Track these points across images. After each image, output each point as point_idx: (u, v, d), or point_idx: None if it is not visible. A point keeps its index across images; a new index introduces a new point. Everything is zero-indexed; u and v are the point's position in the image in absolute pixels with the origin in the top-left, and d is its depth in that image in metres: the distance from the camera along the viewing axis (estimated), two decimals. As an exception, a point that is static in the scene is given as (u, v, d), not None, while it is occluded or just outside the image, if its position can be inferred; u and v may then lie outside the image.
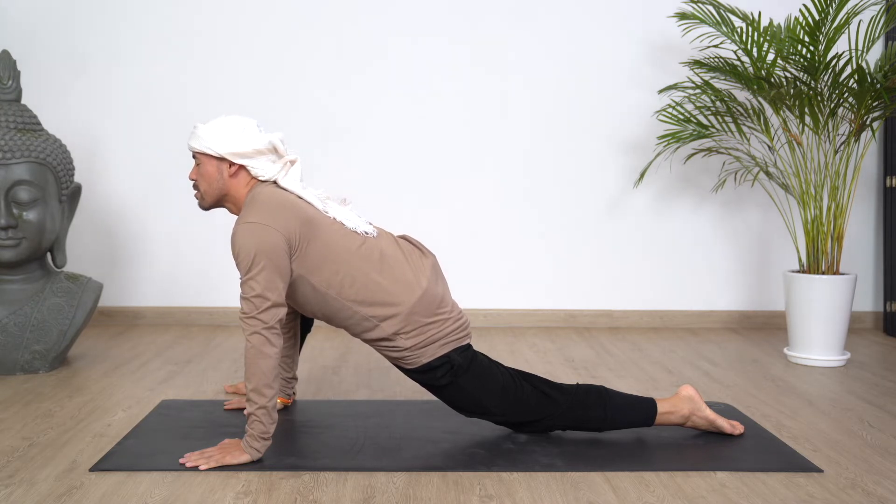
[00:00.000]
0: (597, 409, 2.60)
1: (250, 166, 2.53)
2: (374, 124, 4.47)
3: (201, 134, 2.53)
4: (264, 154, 2.54)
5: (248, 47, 4.43)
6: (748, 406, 3.06)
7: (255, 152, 2.52)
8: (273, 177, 2.56)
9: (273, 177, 2.56)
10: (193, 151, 2.56)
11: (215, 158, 2.53)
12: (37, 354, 3.42)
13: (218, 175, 2.54)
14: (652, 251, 4.55)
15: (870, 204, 4.56)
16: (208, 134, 2.51)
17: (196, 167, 2.57)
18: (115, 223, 4.49)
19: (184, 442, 2.57)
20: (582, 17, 4.45)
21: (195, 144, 2.54)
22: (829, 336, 3.69)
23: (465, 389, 2.56)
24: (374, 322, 2.52)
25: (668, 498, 2.21)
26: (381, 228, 2.67)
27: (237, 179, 2.54)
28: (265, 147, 2.53)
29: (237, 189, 2.55)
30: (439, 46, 4.45)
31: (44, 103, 4.36)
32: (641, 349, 4.01)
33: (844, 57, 3.77)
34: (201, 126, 2.54)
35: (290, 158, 2.58)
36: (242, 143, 2.51)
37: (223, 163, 2.53)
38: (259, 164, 2.53)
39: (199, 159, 2.56)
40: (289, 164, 2.58)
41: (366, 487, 2.26)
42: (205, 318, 4.53)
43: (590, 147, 4.50)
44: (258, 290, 2.36)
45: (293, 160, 2.59)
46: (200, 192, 2.59)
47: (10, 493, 2.20)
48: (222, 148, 2.50)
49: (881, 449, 2.62)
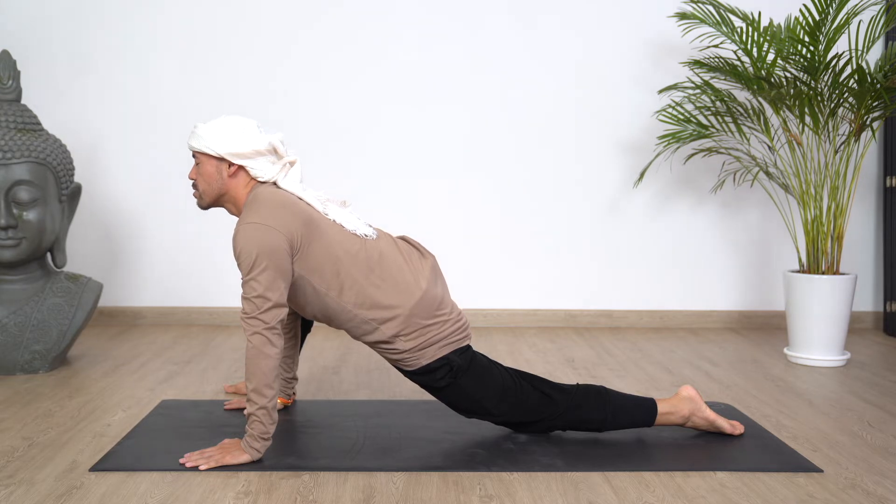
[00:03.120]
0: (597, 410, 2.60)
1: (249, 167, 2.53)
2: (373, 124, 4.47)
3: (201, 133, 2.53)
4: (264, 155, 2.54)
5: (248, 47, 4.43)
6: (748, 406, 3.06)
7: (255, 153, 2.52)
8: (272, 178, 2.56)
9: (272, 178, 2.56)
10: (193, 151, 2.56)
11: (215, 158, 2.53)
12: (37, 354, 3.42)
13: (217, 175, 2.54)
14: (652, 251, 4.55)
15: (870, 204, 4.56)
16: (208, 133, 2.52)
17: (196, 166, 2.58)
18: (115, 223, 4.49)
19: (184, 442, 2.57)
20: (582, 18, 4.45)
21: (195, 144, 2.54)
22: (829, 336, 3.69)
23: (465, 390, 2.57)
24: (373, 325, 2.52)
25: (668, 498, 2.21)
26: (380, 230, 2.66)
27: (236, 180, 2.55)
28: (265, 148, 2.53)
29: (236, 189, 2.55)
30: (439, 46, 4.45)
31: (44, 103, 4.36)
32: (641, 349, 4.01)
33: (844, 57, 3.77)
34: (201, 125, 2.55)
35: (289, 160, 2.58)
36: (242, 143, 2.51)
37: (222, 163, 2.53)
38: (258, 164, 2.54)
39: (198, 159, 2.56)
40: (288, 166, 2.58)
41: (366, 487, 2.26)
42: (205, 318, 4.53)
43: (590, 147, 4.50)
44: (259, 290, 2.36)
45: (293, 161, 2.59)
46: (199, 192, 2.59)
47: (10, 493, 2.20)
48: (222, 148, 2.51)
49: (881, 449, 2.62)
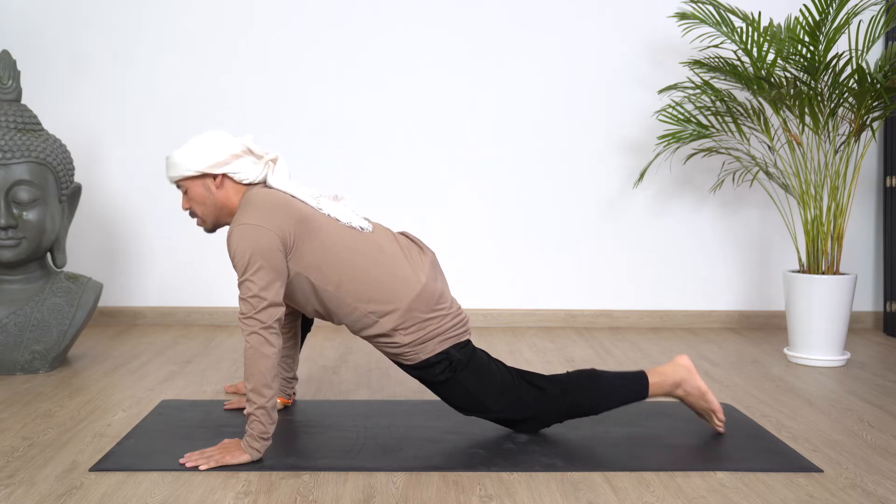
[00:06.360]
0: (589, 392, 2.60)
1: (232, 172, 2.52)
2: (373, 124, 4.47)
3: (176, 161, 2.52)
4: (241, 157, 2.53)
5: (249, 47, 4.43)
6: (748, 406, 3.06)
7: (232, 157, 2.52)
8: (259, 178, 2.56)
9: (259, 178, 2.56)
10: (176, 182, 2.56)
11: (198, 178, 2.53)
12: (37, 354, 3.42)
13: (207, 193, 2.54)
14: (652, 251, 4.55)
15: (870, 204, 4.56)
16: (182, 158, 2.51)
17: (185, 196, 2.57)
18: (115, 223, 4.49)
19: (184, 442, 2.57)
20: (582, 18, 4.45)
21: (174, 173, 2.53)
22: (829, 336, 3.69)
23: (464, 386, 2.57)
24: (372, 318, 2.52)
25: (668, 498, 2.21)
26: (378, 224, 2.67)
27: (225, 190, 2.54)
28: (240, 150, 2.53)
29: (229, 199, 2.54)
30: (438, 46, 4.45)
31: (44, 103, 4.36)
32: (641, 349, 4.01)
33: (844, 57, 3.77)
34: (173, 154, 2.54)
35: (270, 157, 2.58)
36: (216, 152, 2.51)
37: (207, 178, 2.53)
38: (240, 167, 2.53)
39: (184, 186, 2.55)
40: (271, 163, 2.58)
41: (366, 487, 2.26)
42: (205, 318, 4.53)
43: (590, 147, 4.50)
44: (255, 290, 2.36)
45: (274, 158, 2.59)
46: (199, 217, 2.59)
47: (10, 493, 2.20)
48: (200, 164, 2.50)
49: (881, 449, 2.62)
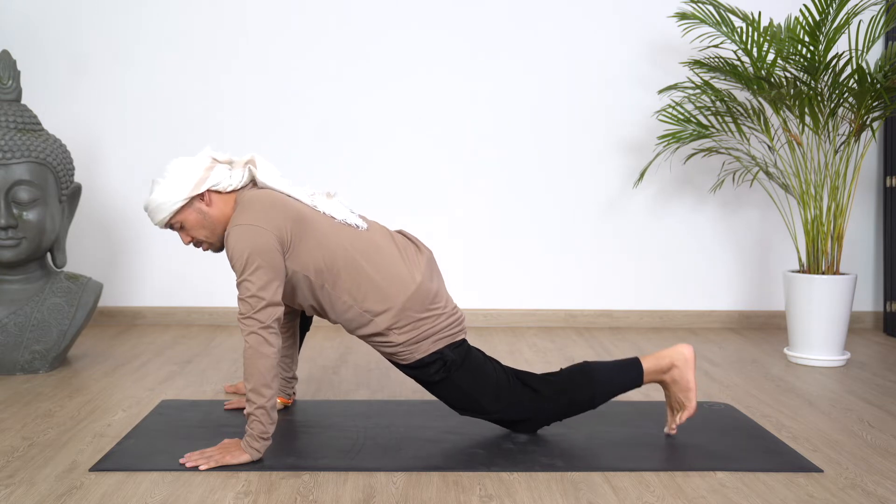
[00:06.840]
0: (584, 386, 2.59)
1: (214, 185, 2.51)
2: (373, 124, 4.47)
3: (157, 202, 2.49)
4: (213, 168, 2.52)
5: (249, 47, 4.43)
6: (748, 406, 3.06)
7: (206, 171, 2.51)
8: (244, 182, 2.55)
9: (244, 182, 2.55)
10: (168, 222, 2.53)
11: (186, 206, 2.51)
12: (37, 354, 3.41)
13: (201, 215, 2.52)
14: (652, 251, 4.55)
15: (870, 204, 4.56)
16: (163, 197, 2.49)
17: (182, 232, 2.55)
18: (115, 223, 4.49)
19: (184, 442, 2.57)
20: (582, 17, 4.45)
21: (163, 214, 2.50)
22: (829, 336, 3.69)
23: (459, 386, 2.56)
24: (367, 317, 2.52)
25: (668, 498, 2.21)
26: (375, 222, 2.66)
27: (216, 205, 2.53)
28: (209, 163, 2.53)
29: (223, 212, 2.53)
30: (437, 46, 4.45)
31: (44, 103, 4.36)
32: (641, 349, 4.00)
33: (844, 57, 3.77)
34: (151, 199, 2.50)
35: (245, 160, 2.58)
36: (190, 174, 2.50)
37: (195, 202, 2.51)
38: (218, 177, 2.51)
39: (177, 222, 2.53)
40: (251, 165, 2.57)
41: (366, 487, 2.26)
42: (205, 318, 4.53)
43: (590, 147, 4.50)
44: (253, 290, 2.36)
45: (250, 160, 2.58)
46: (205, 242, 2.57)
47: (10, 493, 2.20)
48: (182, 192, 2.48)
49: (881, 449, 2.62)
